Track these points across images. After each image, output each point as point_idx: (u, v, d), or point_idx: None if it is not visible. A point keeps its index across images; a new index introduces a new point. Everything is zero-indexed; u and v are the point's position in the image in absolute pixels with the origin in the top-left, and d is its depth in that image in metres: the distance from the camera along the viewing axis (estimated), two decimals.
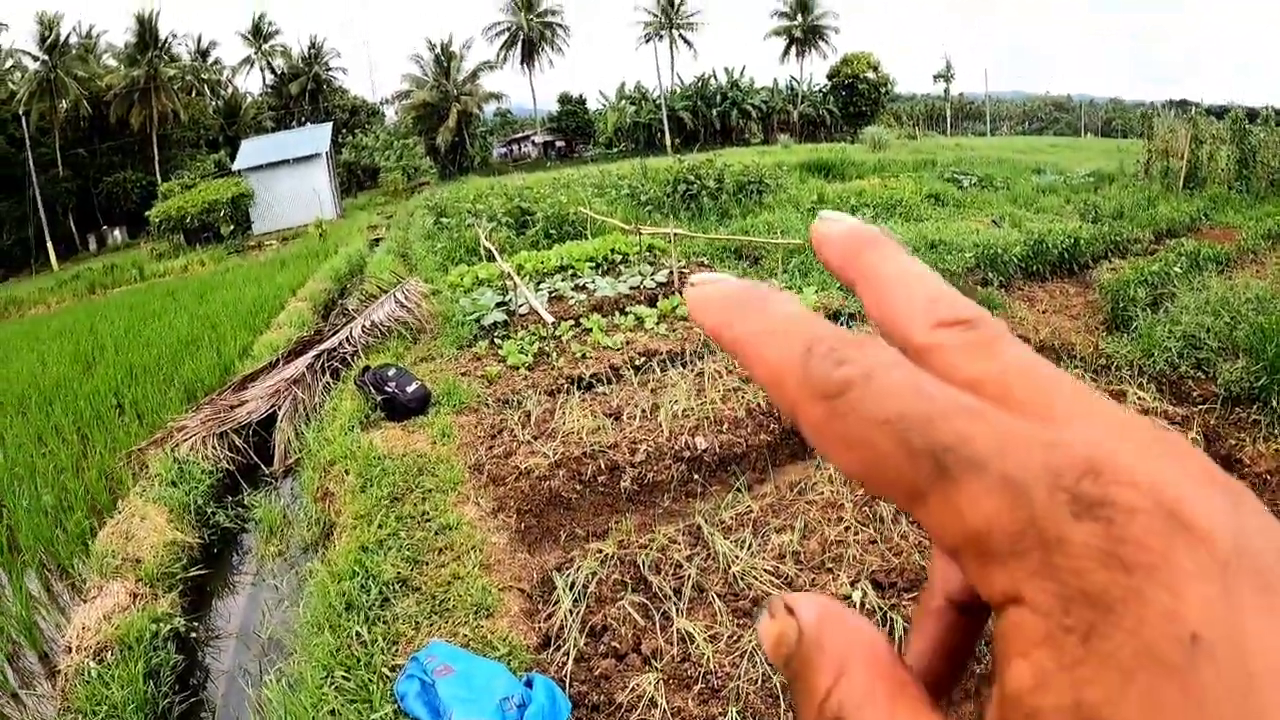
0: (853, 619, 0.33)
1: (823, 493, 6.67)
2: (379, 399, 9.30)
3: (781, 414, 0.31)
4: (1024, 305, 13.06)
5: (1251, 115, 23.60)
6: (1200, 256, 13.86)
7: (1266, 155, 21.98)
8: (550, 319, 10.76)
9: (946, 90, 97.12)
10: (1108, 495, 0.26)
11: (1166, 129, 24.23)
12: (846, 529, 6.05)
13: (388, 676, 4.90)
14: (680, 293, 12.85)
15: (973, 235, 16.82)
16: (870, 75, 75.25)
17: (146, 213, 42.44)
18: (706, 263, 16.10)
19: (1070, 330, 11.69)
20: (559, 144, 77.13)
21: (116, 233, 53.81)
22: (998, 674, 0.27)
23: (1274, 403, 7.64)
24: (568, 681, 4.83)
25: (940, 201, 23.89)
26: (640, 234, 16.08)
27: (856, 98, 75.28)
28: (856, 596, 5.15)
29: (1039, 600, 0.26)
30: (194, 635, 6.69)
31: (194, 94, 59.15)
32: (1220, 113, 26.85)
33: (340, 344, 11.96)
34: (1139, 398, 7.84)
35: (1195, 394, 8.17)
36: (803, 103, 76.83)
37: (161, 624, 6.24)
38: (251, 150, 48.24)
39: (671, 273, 14.10)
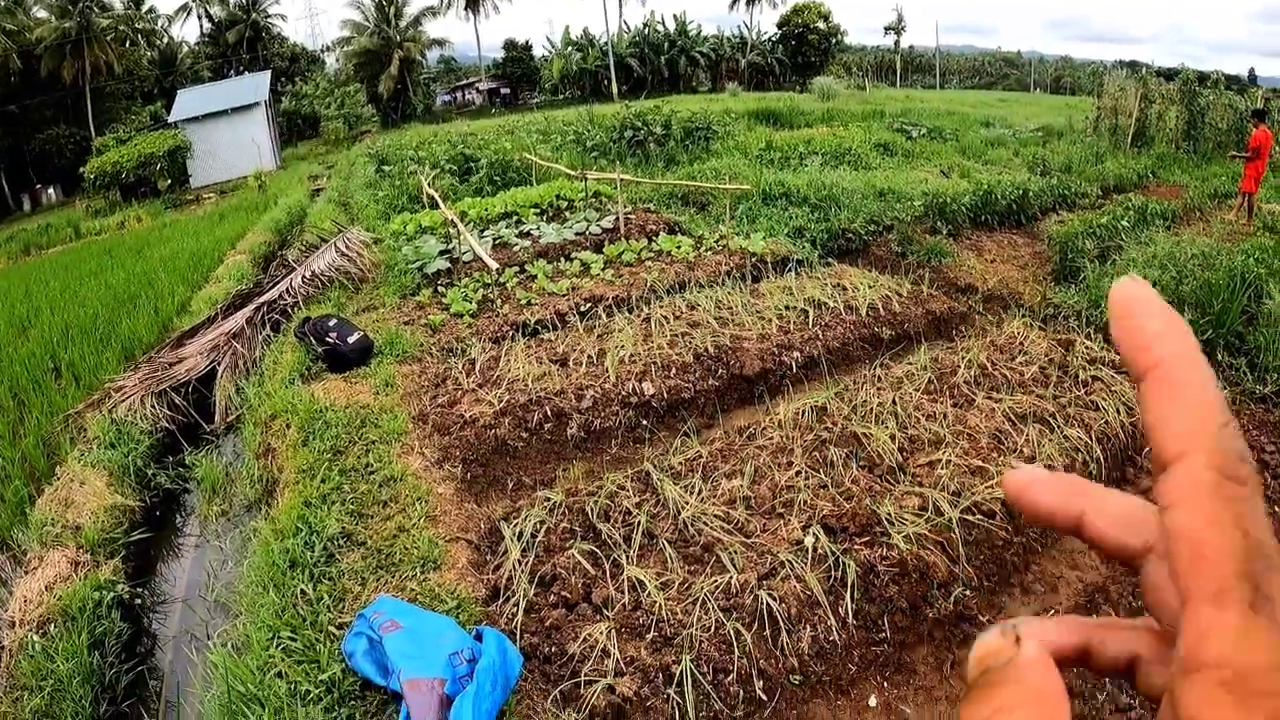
0: (1056, 685, 0.36)
1: (772, 438, 6.64)
2: (320, 350, 9.11)
3: (1147, 437, 0.37)
4: (972, 254, 13.19)
5: (1202, 78, 23.85)
6: (1148, 212, 14.10)
7: (1215, 117, 22.30)
8: (495, 266, 10.63)
9: (897, 43, 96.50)
10: None
11: (1117, 87, 24.46)
12: (797, 474, 6.03)
13: (335, 635, 4.81)
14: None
15: (922, 184, 16.98)
16: (820, 25, 74.62)
17: (81, 169, 40.99)
18: (653, 209, 15.98)
19: (1018, 280, 11.82)
20: (504, 91, 75.71)
21: (51, 191, 51.71)
22: None
23: (1219, 356, 7.75)
24: (518, 633, 4.76)
25: (889, 151, 23.96)
26: (586, 179, 15.93)
27: (806, 47, 74.68)
28: (809, 542, 5.12)
29: None
30: (138, 601, 6.53)
31: (128, 44, 56.60)
32: (1170, 74, 27.07)
33: (280, 296, 11.69)
34: (1086, 347, 7.87)
35: None
36: (752, 51, 76.10)
37: (104, 592, 6.10)
38: (188, 101, 46.68)
39: (618, 218, 13.95)
